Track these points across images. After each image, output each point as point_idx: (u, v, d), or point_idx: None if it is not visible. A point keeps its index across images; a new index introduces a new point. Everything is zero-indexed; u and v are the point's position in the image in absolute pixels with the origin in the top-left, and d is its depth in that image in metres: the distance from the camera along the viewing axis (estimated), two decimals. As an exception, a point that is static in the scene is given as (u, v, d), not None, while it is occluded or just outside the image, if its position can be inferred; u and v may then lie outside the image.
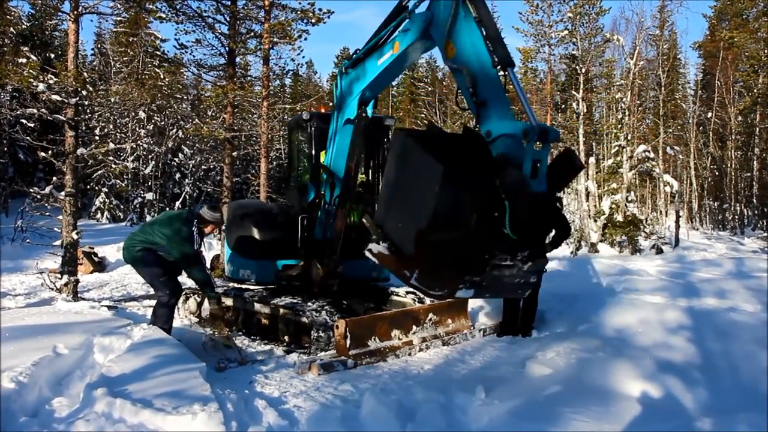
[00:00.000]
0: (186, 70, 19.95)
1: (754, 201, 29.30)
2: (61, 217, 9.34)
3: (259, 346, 6.75)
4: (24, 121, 14.19)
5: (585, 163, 19.52)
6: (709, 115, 30.39)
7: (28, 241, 13.98)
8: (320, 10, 12.74)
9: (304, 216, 7.46)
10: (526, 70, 39.37)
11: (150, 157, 28.00)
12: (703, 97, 33.04)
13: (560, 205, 7.89)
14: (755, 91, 28.88)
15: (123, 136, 26.82)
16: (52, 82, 9.01)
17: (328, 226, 7.12)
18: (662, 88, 26.77)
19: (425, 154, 5.04)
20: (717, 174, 31.77)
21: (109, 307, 8.09)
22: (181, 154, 30.37)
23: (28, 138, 10.46)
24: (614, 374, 4.81)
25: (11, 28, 24.95)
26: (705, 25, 46.30)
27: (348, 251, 7.04)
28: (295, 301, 6.91)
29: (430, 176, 4.99)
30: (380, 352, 6.09)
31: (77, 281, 9.38)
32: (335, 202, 7.06)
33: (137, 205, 27.85)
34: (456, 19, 5.37)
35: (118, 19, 28.21)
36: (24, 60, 9.35)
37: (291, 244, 7.48)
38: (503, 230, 4.75)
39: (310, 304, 6.70)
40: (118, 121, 27.74)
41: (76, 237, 9.20)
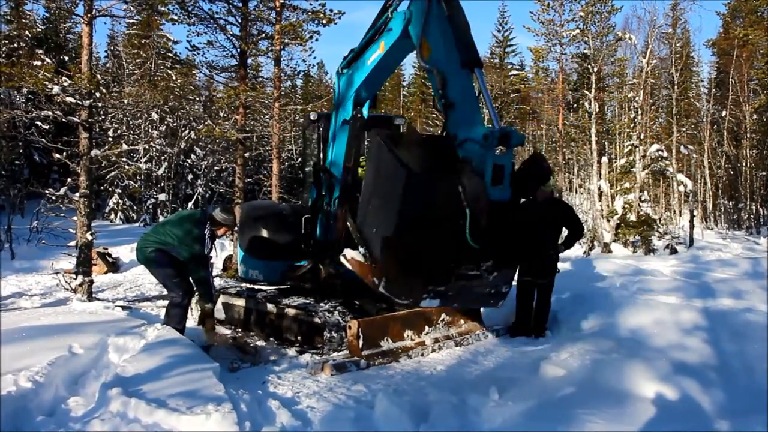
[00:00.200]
0: (198, 71, 20.09)
1: (770, 200, 28.99)
2: (75, 218, 9.42)
3: (272, 347, 6.76)
4: (39, 123, 14.39)
5: (598, 163, 19.40)
6: (724, 113, 30.07)
7: (44, 241, 14.14)
8: (331, 10, 12.78)
9: (307, 217, 7.46)
10: (537, 70, 39.27)
11: (163, 158, 28.18)
12: (717, 96, 32.68)
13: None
14: (771, 88, 28.57)
15: (136, 137, 27.06)
16: (66, 84, 9.09)
17: (330, 227, 7.10)
18: (675, 87, 26.55)
19: (392, 158, 4.96)
20: (732, 173, 31.43)
21: (123, 308, 8.17)
22: (193, 155, 30.54)
23: (43, 140, 10.59)
24: (629, 375, 4.77)
25: (26, 32, 25.25)
26: (719, 23, 45.87)
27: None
28: (308, 301, 6.91)
29: (396, 181, 4.93)
30: (393, 353, 6.08)
31: (92, 282, 9.46)
32: (335, 203, 7.04)
33: (150, 206, 28.04)
34: (429, 17, 5.30)
35: (131, 21, 28.42)
36: (39, 63, 9.47)
37: (301, 245, 7.49)
38: (466, 239, 4.68)
39: (322, 305, 6.70)
40: (131, 122, 27.98)
41: (90, 238, 9.28)
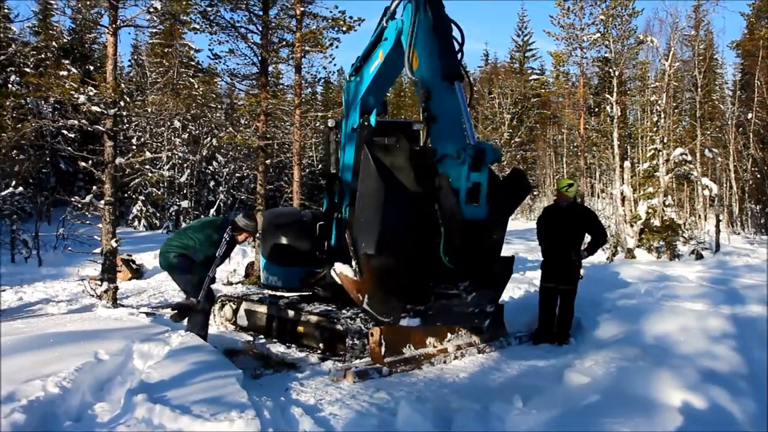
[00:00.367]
0: (219, 79, 20.30)
1: (799, 203, 28.37)
2: (100, 226, 9.56)
3: (294, 353, 6.78)
4: (65, 132, 14.65)
5: (620, 167, 19.19)
6: (749, 115, 29.53)
7: (70, 248, 14.37)
8: (351, 17, 12.81)
9: (322, 223, 7.47)
10: (557, 74, 38.98)
11: (185, 165, 28.51)
12: (742, 98, 32.14)
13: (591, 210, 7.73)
14: (798, 89, 28.02)
15: (159, 145, 27.43)
16: (92, 93, 9.24)
17: (342, 234, 7.10)
18: (699, 90, 26.15)
19: (375, 173, 4.89)
20: (758, 176, 30.81)
21: (147, 314, 8.24)
22: (215, 163, 30.87)
23: (69, 148, 10.77)
24: (655, 384, 4.69)
25: (53, 43, 25.76)
26: (743, 24, 45.07)
27: None
28: (330, 308, 6.92)
29: (377, 198, 4.87)
30: (415, 360, 6.06)
31: (116, 288, 9.58)
32: (347, 210, 7.04)
33: (173, 213, 28.37)
34: (415, 27, 5.24)
35: (154, 31, 28.91)
36: (65, 73, 9.63)
37: (321, 252, 7.51)
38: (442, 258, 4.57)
39: (344, 312, 6.70)
40: (154, 130, 28.36)
41: (115, 245, 9.40)
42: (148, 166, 25.32)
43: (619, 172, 19.11)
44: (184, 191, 28.58)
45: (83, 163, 9.95)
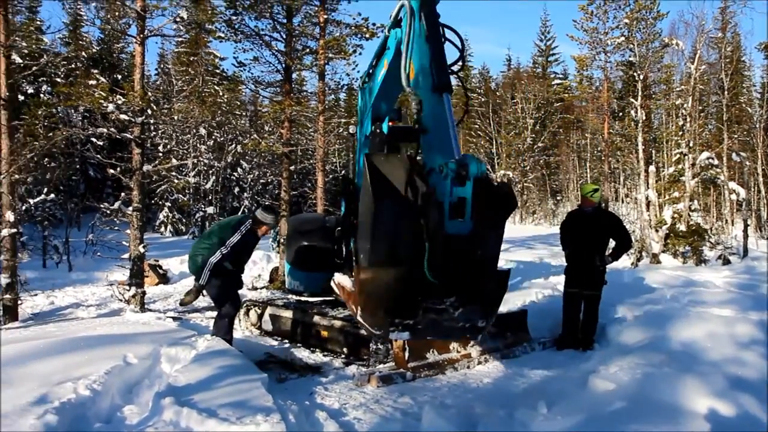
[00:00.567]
0: (244, 87, 20.49)
1: (830, 207, 27.68)
2: (128, 231, 9.73)
3: (318, 358, 6.81)
4: (94, 140, 14.95)
5: (645, 172, 18.96)
6: (779, 118, 28.96)
7: (99, 254, 14.63)
8: (373, 24, 12.86)
9: (340, 229, 7.51)
10: (581, 78, 38.71)
11: (210, 172, 28.89)
12: (771, 100, 31.49)
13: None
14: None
15: (185, 152, 27.83)
16: (120, 102, 9.43)
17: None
18: (725, 93, 25.72)
19: (369, 185, 4.87)
20: (788, 180, 30.17)
21: (174, 318, 8.37)
22: (240, 169, 31.25)
23: (98, 156, 10.96)
24: (682, 390, 4.60)
25: (83, 53, 26.35)
26: (773, 25, 44.16)
27: None
28: (354, 313, 6.94)
29: (368, 211, 4.84)
30: (438, 365, 6.06)
31: (144, 293, 9.73)
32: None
33: (199, 219, 28.76)
34: (410, 37, 5.13)
35: (180, 40, 29.35)
36: (94, 82, 9.83)
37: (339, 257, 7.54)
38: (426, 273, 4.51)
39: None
40: (180, 137, 28.80)
41: (142, 250, 9.56)
42: (174, 173, 25.88)
43: (644, 176, 18.86)
44: (210, 197, 28.96)
45: (112, 170, 10.11)
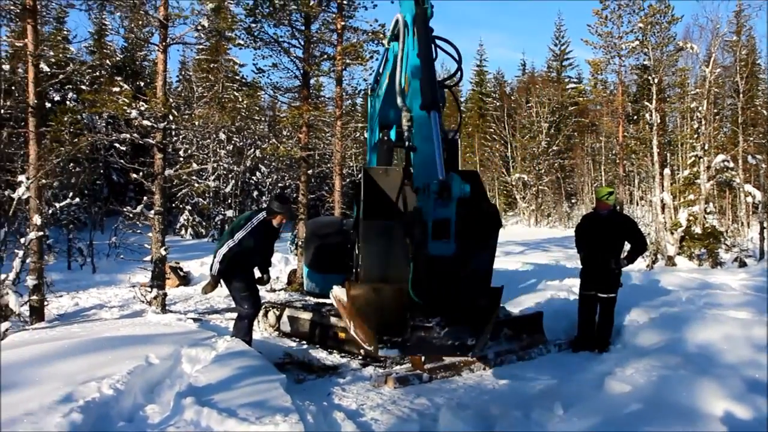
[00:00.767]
0: (263, 92, 20.72)
1: None
2: (150, 234, 9.90)
3: (336, 359, 6.88)
4: (117, 146, 15.21)
5: (660, 175, 18.82)
6: (795, 121, 28.50)
7: (122, 256, 14.87)
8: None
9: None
10: (595, 82, 38.41)
11: (230, 176, 29.18)
12: (788, 103, 31.02)
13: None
14: None
15: (205, 156, 28.15)
16: (143, 108, 9.61)
17: None
18: (740, 95, 25.38)
19: (361, 201, 4.84)
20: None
21: (195, 320, 8.49)
22: (258, 173, 31.52)
23: (122, 161, 11.15)
24: (699, 393, 4.59)
25: (107, 61, 26.84)
26: (789, 27, 43.48)
27: None
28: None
29: (358, 227, 4.81)
30: (455, 367, 6.08)
31: (165, 295, 9.89)
32: None
33: (218, 222, 29.05)
34: (403, 52, 5.08)
35: (200, 47, 29.72)
36: (118, 89, 10.01)
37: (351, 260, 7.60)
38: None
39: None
40: (200, 142, 29.14)
41: (164, 253, 9.73)
42: (194, 177, 26.19)
43: (659, 179, 18.73)
44: (229, 201, 29.25)
45: (134, 175, 10.29)
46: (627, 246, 7.29)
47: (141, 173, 10.23)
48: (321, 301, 8.12)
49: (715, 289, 8.76)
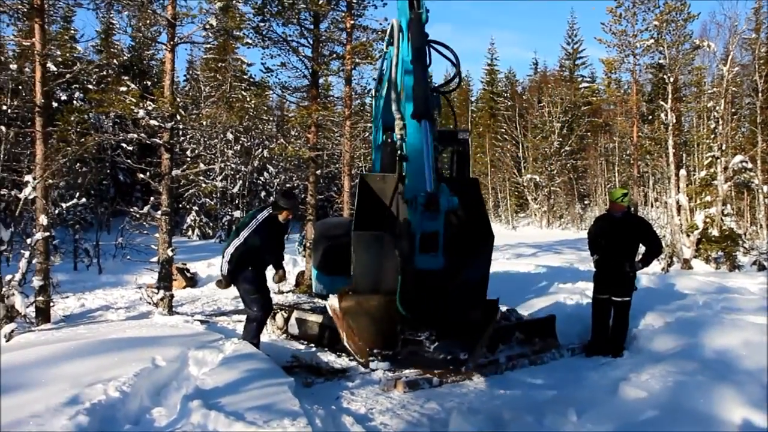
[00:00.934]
0: (271, 92, 20.70)
1: None
2: (157, 235, 9.86)
3: (345, 362, 6.79)
4: (125, 145, 15.22)
5: (675, 176, 18.63)
6: (815, 120, 28.16)
7: (128, 257, 14.85)
8: (400, 29, 12.88)
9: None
10: (609, 82, 38.17)
11: (237, 176, 29.20)
12: (808, 102, 30.62)
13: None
14: None
15: (212, 156, 28.17)
16: (150, 108, 9.57)
17: None
18: (759, 94, 25.13)
19: (356, 210, 4.75)
20: (825, 184, 29.31)
21: (202, 322, 8.43)
22: (266, 173, 31.53)
23: (129, 161, 11.12)
24: (717, 400, 4.50)
25: (114, 60, 26.92)
26: (809, 25, 42.95)
27: None
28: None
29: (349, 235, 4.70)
30: (465, 371, 5.99)
31: (172, 296, 9.84)
32: None
33: (225, 223, 29.07)
34: (398, 58, 5.03)
35: (208, 46, 29.75)
36: (125, 88, 9.97)
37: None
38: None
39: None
40: (207, 142, 29.19)
41: (171, 254, 9.68)
42: (202, 178, 26.19)
43: (675, 180, 18.55)
44: (237, 201, 29.26)
45: (141, 175, 10.24)
46: (642, 249, 7.18)
47: (148, 173, 10.18)
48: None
49: (733, 293, 8.65)
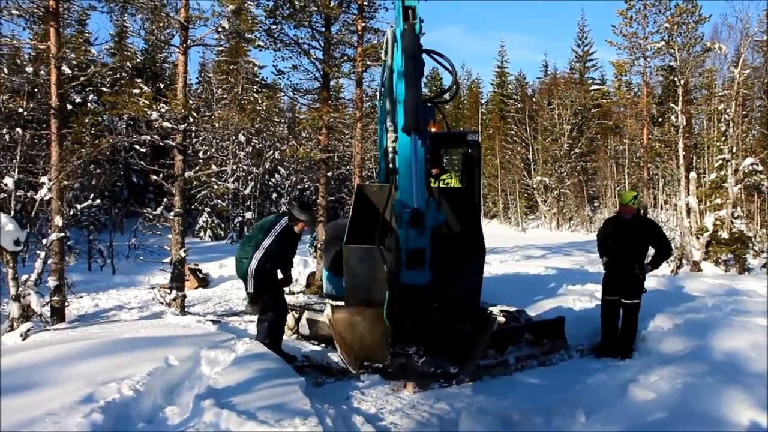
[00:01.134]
0: (283, 94, 20.77)
1: None
2: (170, 236, 9.94)
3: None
4: (138, 147, 15.37)
5: (685, 178, 18.53)
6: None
7: (141, 258, 14.99)
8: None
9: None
10: (619, 84, 37.99)
11: (249, 178, 29.34)
12: (820, 105, 30.26)
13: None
14: None
15: (224, 158, 28.34)
16: (163, 110, 9.67)
17: None
18: (770, 97, 24.89)
19: (349, 222, 4.72)
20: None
21: (214, 322, 8.49)
22: (277, 175, 31.67)
23: (142, 162, 11.22)
24: (725, 402, 4.50)
25: (128, 63, 27.18)
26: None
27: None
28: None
29: (348, 249, 4.66)
30: (475, 371, 6.00)
31: (184, 296, 9.92)
32: None
33: (237, 224, 29.22)
34: (392, 69, 4.96)
35: (220, 49, 29.96)
36: (138, 91, 10.09)
37: None
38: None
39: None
40: (219, 144, 29.35)
41: (183, 254, 9.77)
42: (214, 179, 26.37)
43: (685, 183, 18.44)
44: (248, 203, 29.40)
45: (154, 177, 10.32)
46: (651, 251, 7.16)
47: (161, 175, 10.27)
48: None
49: (742, 296, 8.60)
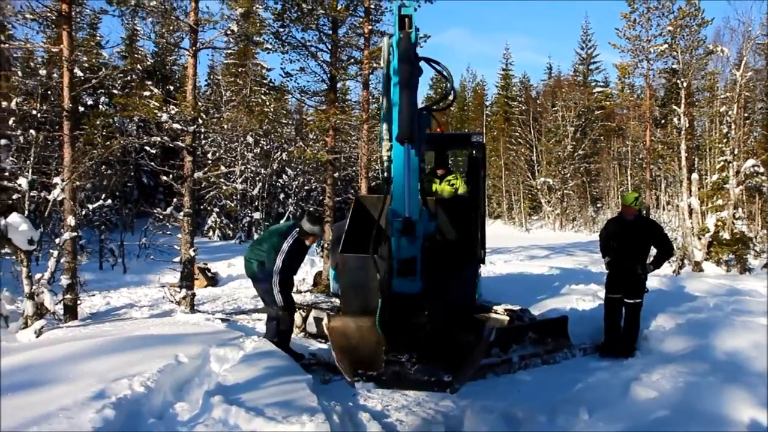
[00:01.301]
0: (290, 96, 20.86)
1: None
2: (179, 236, 10.06)
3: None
4: (148, 149, 15.54)
5: (687, 179, 18.53)
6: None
7: (152, 257, 15.14)
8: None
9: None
10: (622, 86, 37.89)
11: (257, 178, 29.47)
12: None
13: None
14: None
15: (233, 159, 28.48)
16: (173, 112, 9.79)
17: None
18: (771, 99, 24.78)
19: (346, 231, 4.73)
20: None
21: (223, 320, 8.59)
22: (285, 176, 31.77)
23: (152, 163, 11.34)
24: (727, 400, 4.54)
25: (138, 65, 27.40)
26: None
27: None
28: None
29: (346, 257, 4.67)
30: (479, 370, 6.07)
31: (194, 295, 10.04)
32: None
33: (245, 224, 29.36)
34: (389, 81, 4.93)
35: (229, 51, 30.12)
36: (148, 93, 10.22)
37: None
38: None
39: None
40: (228, 145, 29.50)
41: (193, 254, 9.88)
42: (222, 180, 26.52)
43: (687, 184, 18.43)
44: (256, 203, 29.52)
45: (164, 177, 10.43)
46: (653, 251, 7.21)
47: (171, 176, 10.39)
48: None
49: (743, 296, 8.62)
